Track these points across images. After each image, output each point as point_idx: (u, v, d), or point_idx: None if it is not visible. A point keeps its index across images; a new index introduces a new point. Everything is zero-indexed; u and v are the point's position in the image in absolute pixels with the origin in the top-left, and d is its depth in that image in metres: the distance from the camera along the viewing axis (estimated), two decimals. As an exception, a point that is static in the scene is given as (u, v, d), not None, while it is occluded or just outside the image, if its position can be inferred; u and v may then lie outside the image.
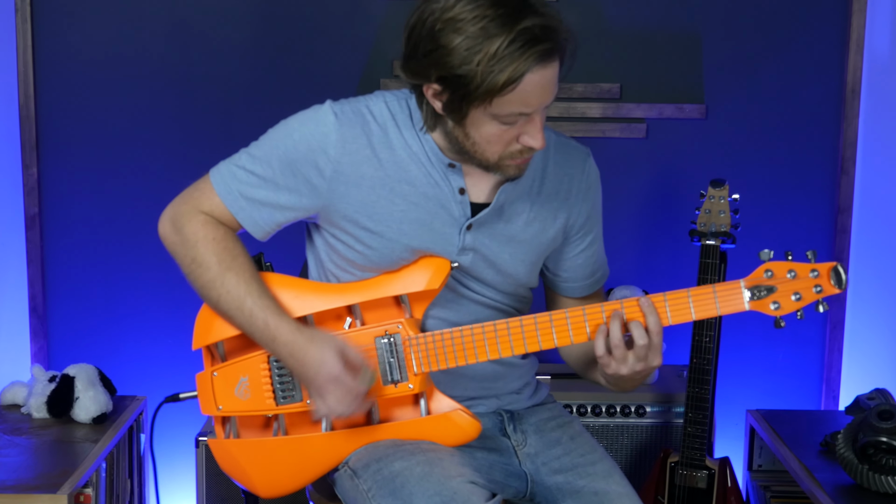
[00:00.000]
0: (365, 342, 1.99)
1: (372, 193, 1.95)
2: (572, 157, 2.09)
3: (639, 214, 3.39)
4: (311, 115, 1.96)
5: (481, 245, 2.01)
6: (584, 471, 2.06)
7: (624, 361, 1.89)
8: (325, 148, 1.93)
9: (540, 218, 2.05)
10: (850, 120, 3.31)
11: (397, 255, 1.98)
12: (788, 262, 1.87)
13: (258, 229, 2.01)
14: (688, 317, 1.89)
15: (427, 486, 1.88)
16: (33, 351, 3.35)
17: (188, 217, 2.00)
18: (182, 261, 2.02)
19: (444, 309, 2.05)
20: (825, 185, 3.38)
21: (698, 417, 2.82)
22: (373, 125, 1.95)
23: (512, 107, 1.81)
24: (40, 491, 2.50)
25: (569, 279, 2.16)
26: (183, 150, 3.30)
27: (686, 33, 3.32)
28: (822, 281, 1.86)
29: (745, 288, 1.87)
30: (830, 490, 2.54)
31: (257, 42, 3.30)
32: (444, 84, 1.82)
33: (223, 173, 2.00)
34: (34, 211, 3.30)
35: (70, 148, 3.31)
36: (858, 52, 3.28)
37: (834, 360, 3.40)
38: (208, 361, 2.11)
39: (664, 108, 3.32)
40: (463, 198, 1.97)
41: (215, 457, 2.15)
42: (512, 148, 1.88)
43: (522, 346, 1.95)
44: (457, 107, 1.82)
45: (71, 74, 3.29)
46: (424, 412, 2.01)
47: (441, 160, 1.95)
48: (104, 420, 2.95)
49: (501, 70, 1.75)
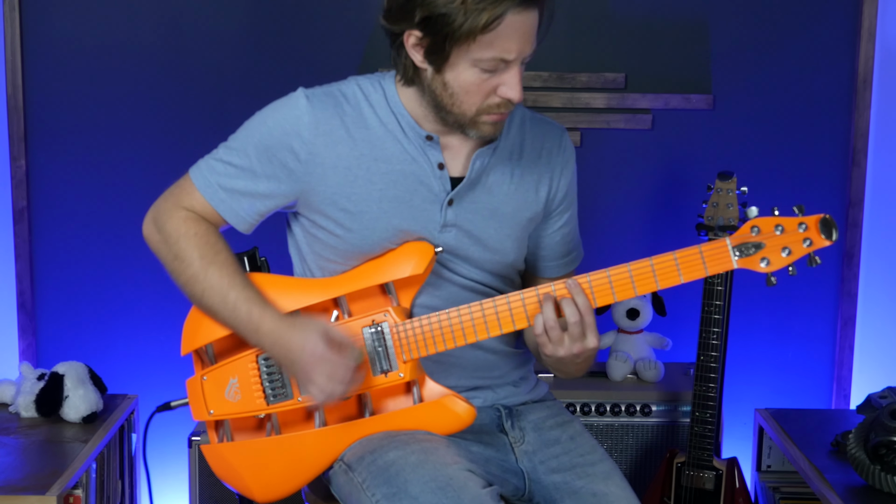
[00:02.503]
0: (353, 334, 2.00)
1: (349, 174, 1.99)
2: (549, 132, 2.14)
3: (644, 208, 3.39)
4: (283, 101, 2.02)
5: (464, 220, 2.04)
6: (583, 471, 2.06)
7: (560, 342, 1.92)
8: (299, 131, 1.98)
9: (521, 190, 2.08)
10: (862, 111, 3.30)
11: (379, 236, 2.01)
12: (775, 217, 1.88)
13: (240, 221, 2.04)
14: (676, 280, 1.91)
15: (422, 472, 1.89)
16: (21, 348, 3.35)
17: (169, 214, 2.05)
18: (165, 258, 2.06)
19: (430, 296, 2.06)
20: (836, 178, 3.37)
21: (705, 416, 2.82)
22: (345, 106, 2.00)
23: (493, 51, 1.86)
24: (29, 492, 2.50)
25: (546, 257, 2.19)
26: (176, 140, 3.30)
27: (693, 21, 3.31)
28: (812, 234, 1.86)
29: (731, 246, 1.88)
30: (841, 491, 2.54)
31: (252, 31, 3.30)
32: (426, 27, 1.87)
33: (202, 168, 2.05)
34: (22, 204, 3.30)
35: (59, 139, 3.31)
36: (870, 41, 3.27)
37: (845, 357, 3.40)
38: (198, 366, 2.13)
39: (670, 98, 3.32)
40: (442, 173, 2.01)
41: (209, 462, 2.15)
42: (490, 101, 1.93)
43: (511, 324, 1.96)
44: (440, 49, 1.88)
45: (60, 63, 3.28)
46: (417, 400, 2.03)
47: (418, 133, 1.99)
48: (94, 419, 2.95)
49: (483, 8, 1.82)
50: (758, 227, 1.87)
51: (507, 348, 2.16)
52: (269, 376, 2.04)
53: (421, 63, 1.93)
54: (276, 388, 2.04)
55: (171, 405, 2.25)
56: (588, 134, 3.34)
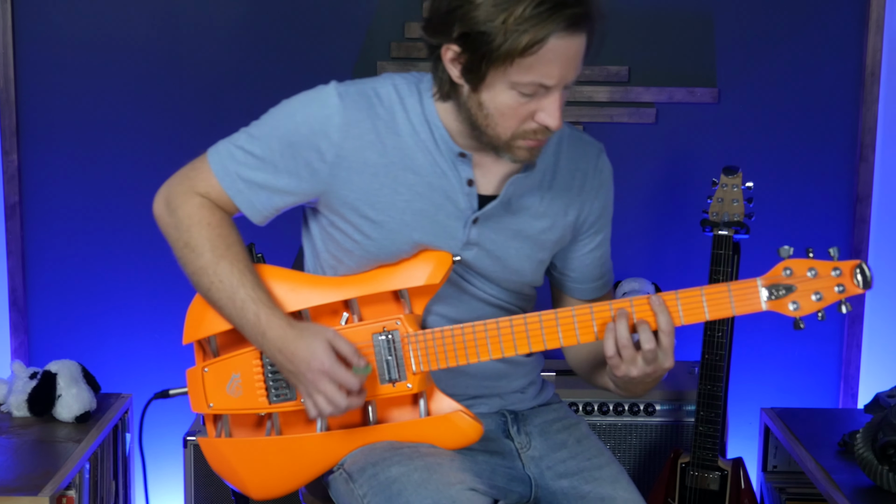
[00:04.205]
0: (362, 339, 1.98)
1: (375, 181, 1.94)
2: (586, 152, 2.08)
3: (648, 203, 3.38)
4: (314, 95, 1.95)
5: (487, 240, 2.00)
6: (590, 475, 2.05)
7: (633, 363, 1.87)
8: (328, 131, 1.92)
9: (550, 213, 2.04)
10: (869, 104, 3.30)
11: (397, 248, 1.97)
12: (809, 260, 1.84)
13: (256, 213, 2.00)
14: (701, 317, 1.87)
15: (425, 493, 1.87)
16: (13, 346, 3.34)
17: (183, 198, 2.00)
18: (175, 244, 2.01)
19: (445, 305, 2.04)
20: (843, 173, 3.37)
21: (710, 416, 2.82)
22: (379, 109, 1.94)
23: (532, 75, 1.80)
24: (21, 493, 2.49)
25: (577, 279, 2.16)
26: (170, 135, 3.29)
27: (697, 13, 3.31)
28: (845, 280, 1.83)
29: (762, 287, 1.84)
30: (848, 492, 2.53)
31: (248, 24, 3.29)
32: (464, 43, 1.81)
33: (221, 153, 1.99)
34: (14, 200, 3.29)
35: (52, 134, 3.30)
36: (878, 33, 3.27)
37: (852, 355, 3.40)
38: (199, 357, 2.10)
39: (675, 91, 3.32)
40: (471, 189, 1.96)
41: (206, 456, 2.14)
42: (526, 126, 1.86)
43: (526, 345, 1.93)
44: (476, 67, 1.81)
45: (53, 57, 3.28)
46: (424, 413, 2.00)
47: (451, 148, 1.94)
48: (88, 419, 2.94)
49: (525, 30, 1.75)
50: (790, 269, 1.84)
51: (521, 358, 2.14)
52: (273, 375, 2.02)
53: (458, 79, 1.86)
54: (280, 387, 2.02)
55: (169, 393, 2.22)
56: (591, 128, 3.33)
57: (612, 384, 2.01)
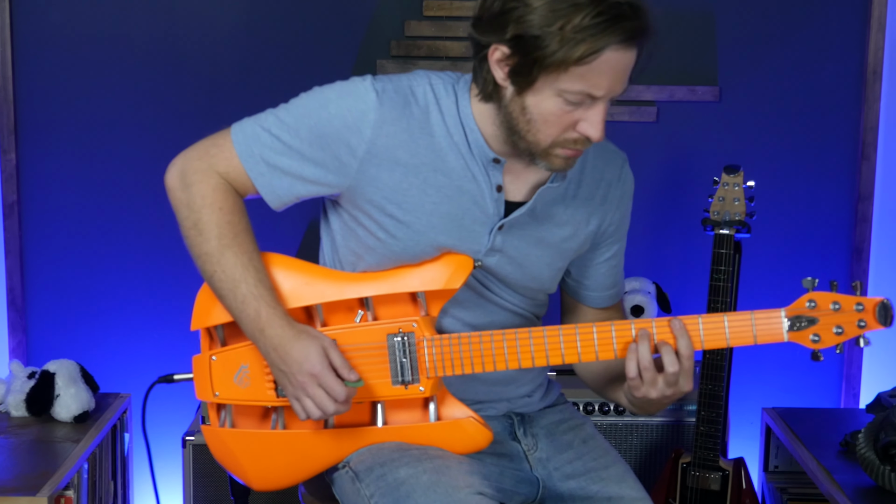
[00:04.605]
0: (376, 338, 1.97)
1: (404, 181, 1.93)
2: (610, 162, 2.08)
3: (649, 202, 3.38)
4: (350, 88, 1.92)
5: (510, 247, 2.00)
6: (596, 475, 2.06)
7: (654, 384, 1.88)
8: (361, 127, 1.90)
9: (573, 222, 2.04)
10: (871, 103, 3.30)
11: (421, 249, 1.96)
12: (833, 294, 1.84)
13: (276, 199, 1.97)
14: (722, 343, 1.87)
15: (433, 496, 1.86)
16: (11, 346, 3.34)
17: (201, 175, 1.96)
18: (183, 222, 1.98)
19: (461, 309, 2.03)
20: (845, 172, 3.36)
21: (711, 416, 2.81)
22: (414, 108, 1.92)
23: (582, 84, 1.79)
24: (19, 493, 2.49)
25: (591, 287, 2.16)
26: (170, 134, 3.28)
27: (699, 11, 3.30)
28: (867, 316, 1.83)
29: (785, 317, 1.85)
30: (850, 492, 2.53)
31: (248, 21, 3.28)
32: (516, 45, 1.80)
33: (247, 133, 1.96)
34: (12, 199, 3.29)
35: (51, 132, 3.30)
36: (880, 31, 3.26)
37: (854, 355, 3.40)
38: (206, 344, 2.08)
39: (675, 90, 3.31)
40: (499, 196, 1.95)
41: (208, 443, 2.13)
42: (567, 134, 1.86)
43: (544, 358, 1.93)
44: (526, 71, 1.80)
45: (52, 54, 3.27)
46: (434, 417, 2.00)
47: (485, 153, 1.93)
48: (86, 419, 2.94)
49: (583, 39, 1.75)
50: (815, 302, 1.84)
51: None
52: None
53: (503, 81, 1.85)
54: None
55: (173, 377, 2.19)
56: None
57: (627, 402, 2.01)
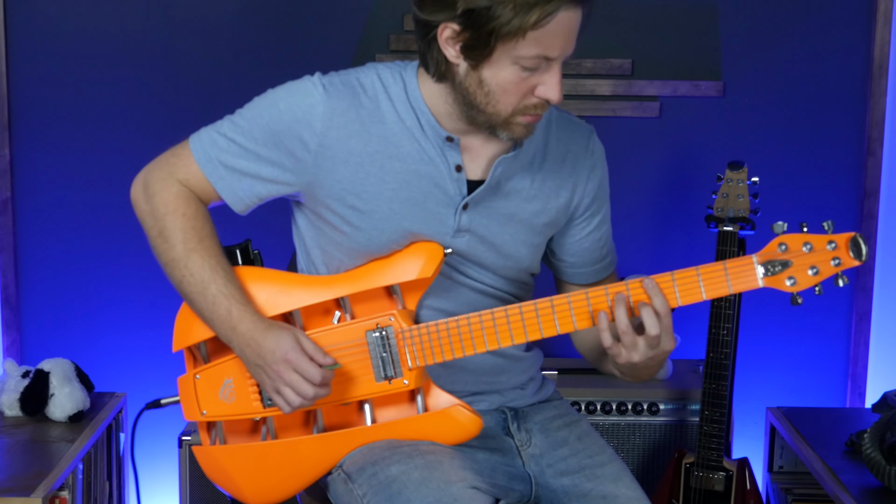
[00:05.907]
0: (355, 337, 1.98)
1: (360, 170, 1.95)
2: (575, 133, 2.10)
3: (651, 199, 3.38)
4: (298, 85, 1.97)
5: (478, 226, 2.00)
6: (591, 473, 2.05)
7: (635, 348, 1.88)
8: (311, 121, 1.93)
9: (541, 195, 2.04)
10: (877, 98, 3.29)
11: (387, 238, 1.98)
12: (804, 235, 1.85)
13: (238, 201, 2.01)
14: (698, 296, 1.88)
15: (426, 491, 1.87)
16: (5, 344, 3.34)
17: (162, 185, 2.01)
18: (149, 232, 2.03)
19: (438, 298, 2.03)
20: (850, 168, 3.36)
21: (715, 415, 2.81)
22: (363, 98, 1.95)
23: (538, 48, 1.82)
24: (13, 494, 2.49)
25: (575, 264, 2.16)
26: (165, 130, 3.28)
27: (702, 5, 3.30)
28: (841, 253, 1.83)
29: (757, 263, 1.86)
30: (856, 493, 2.53)
31: (245, 15, 3.28)
32: (467, 20, 1.82)
33: (203, 140, 2.01)
34: (6, 195, 3.29)
35: (45, 128, 3.30)
36: (886, 25, 3.26)
37: (860, 354, 3.39)
38: (190, 364, 2.11)
39: (679, 85, 3.31)
40: (459, 175, 1.97)
41: (201, 465, 2.14)
42: (527, 101, 1.88)
43: (523, 334, 1.93)
44: (482, 44, 1.83)
45: (46, 50, 3.27)
46: (421, 409, 2.00)
47: (438, 133, 1.95)
48: (81, 418, 2.94)
49: (535, 4, 1.79)
50: (785, 245, 1.85)
51: (519, 352, 2.14)
52: None
53: (455, 58, 1.87)
54: None
55: (160, 403, 2.22)
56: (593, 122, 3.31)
57: (618, 372, 2.02)
